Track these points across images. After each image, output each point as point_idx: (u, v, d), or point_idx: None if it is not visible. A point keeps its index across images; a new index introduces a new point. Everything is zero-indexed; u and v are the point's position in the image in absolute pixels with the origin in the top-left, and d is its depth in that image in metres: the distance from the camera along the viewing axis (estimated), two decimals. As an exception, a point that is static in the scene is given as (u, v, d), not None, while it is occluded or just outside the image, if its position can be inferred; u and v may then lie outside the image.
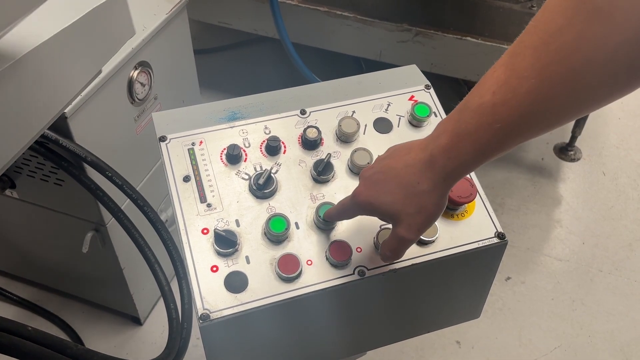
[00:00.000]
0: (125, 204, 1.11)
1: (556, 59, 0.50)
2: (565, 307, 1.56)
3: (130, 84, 1.12)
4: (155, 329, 1.49)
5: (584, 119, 1.78)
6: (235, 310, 0.69)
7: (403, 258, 0.75)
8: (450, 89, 2.06)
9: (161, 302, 1.46)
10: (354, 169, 0.81)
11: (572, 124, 1.85)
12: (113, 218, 1.10)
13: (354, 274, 0.74)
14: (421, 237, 0.76)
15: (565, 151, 1.94)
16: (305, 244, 0.75)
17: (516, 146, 0.58)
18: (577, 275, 1.63)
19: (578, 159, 1.94)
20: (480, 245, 0.78)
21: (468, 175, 0.82)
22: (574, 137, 1.89)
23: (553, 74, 0.51)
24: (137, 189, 1.06)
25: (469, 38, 1.49)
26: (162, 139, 0.82)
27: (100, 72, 0.84)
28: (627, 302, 1.58)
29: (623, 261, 1.66)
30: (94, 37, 0.78)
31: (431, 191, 0.62)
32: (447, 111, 0.90)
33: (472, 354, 1.47)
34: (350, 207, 0.70)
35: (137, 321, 1.49)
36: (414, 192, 0.63)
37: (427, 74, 0.93)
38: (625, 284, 1.61)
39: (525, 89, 0.52)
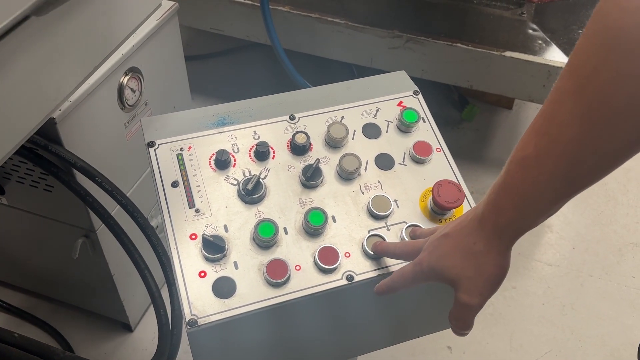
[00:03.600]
0: (115, 210, 1.10)
1: (596, 101, 0.47)
2: (555, 312, 1.57)
3: (121, 89, 1.12)
4: (146, 335, 1.48)
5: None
6: (223, 315, 0.69)
7: (391, 263, 0.75)
8: (442, 95, 2.07)
9: (152, 309, 1.45)
10: (343, 174, 0.82)
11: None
12: (103, 224, 1.09)
13: (342, 279, 0.74)
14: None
15: (556, 157, 1.95)
16: (294, 249, 0.75)
17: (574, 196, 0.53)
18: (567, 280, 1.63)
19: (568, 165, 1.95)
20: (469, 250, 0.78)
21: (456, 180, 0.83)
22: (564, 143, 1.89)
23: (594, 117, 0.47)
24: (127, 195, 1.06)
25: (459, 44, 1.50)
26: (151, 144, 0.82)
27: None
28: (617, 307, 1.58)
29: (613, 266, 1.67)
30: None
31: (488, 251, 0.58)
32: (435, 117, 0.91)
33: (464, 359, 1.47)
34: (414, 275, 0.66)
35: (127, 328, 1.48)
36: (470, 253, 0.59)
37: (417, 80, 0.94)
38: (615, 289, 1.62)
39: (567, 136, 0.49)
